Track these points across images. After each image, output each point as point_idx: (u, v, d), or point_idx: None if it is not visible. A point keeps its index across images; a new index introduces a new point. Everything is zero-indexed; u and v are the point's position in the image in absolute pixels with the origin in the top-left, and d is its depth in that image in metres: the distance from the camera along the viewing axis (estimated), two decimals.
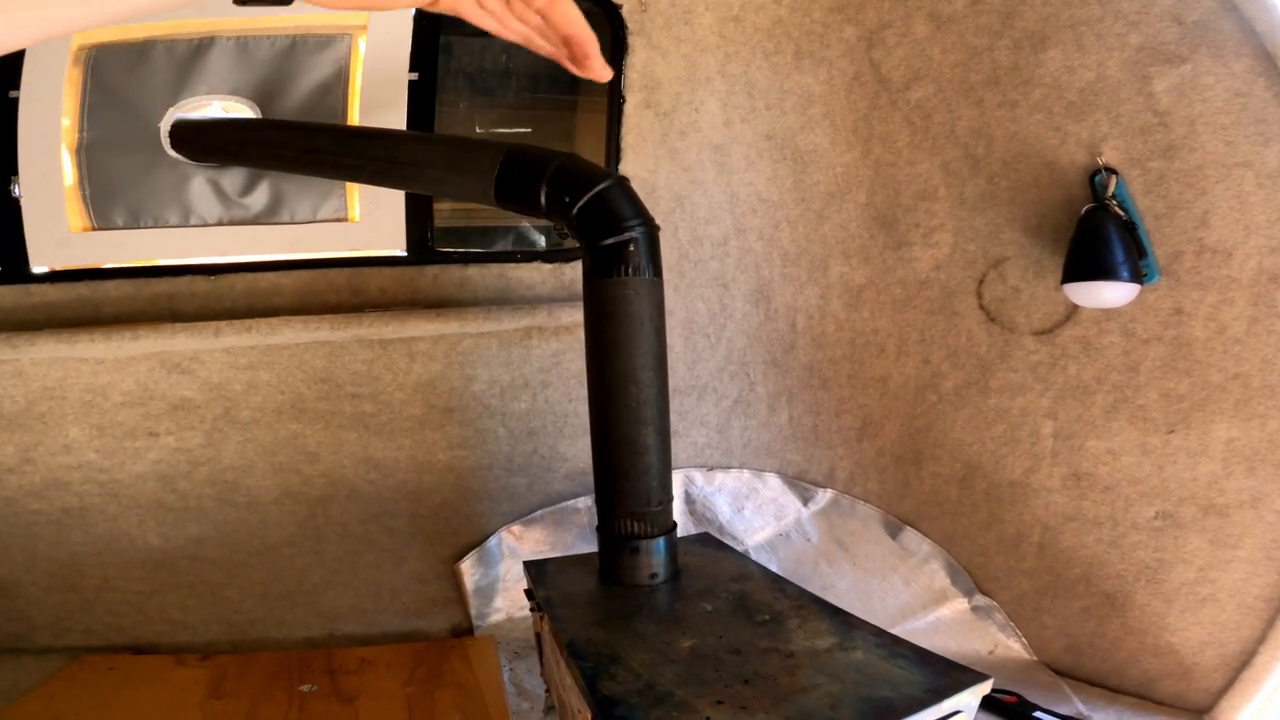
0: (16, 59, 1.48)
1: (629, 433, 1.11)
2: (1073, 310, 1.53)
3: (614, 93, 1.71)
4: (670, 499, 1.17)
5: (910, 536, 1.84)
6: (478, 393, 1.76)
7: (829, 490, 1.92)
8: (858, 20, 1.64)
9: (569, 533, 1.81)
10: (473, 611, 1.74)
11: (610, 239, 1.06)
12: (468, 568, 1.76)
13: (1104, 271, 1.37)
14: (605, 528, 1.16)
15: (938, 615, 1.74)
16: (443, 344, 1.70)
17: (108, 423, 1.60)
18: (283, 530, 1.72)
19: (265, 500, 1.70)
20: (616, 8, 1.65)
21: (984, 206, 1.62)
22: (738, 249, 1.82)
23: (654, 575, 1.14)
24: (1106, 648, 1.55)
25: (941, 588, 1.77)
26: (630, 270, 1.07)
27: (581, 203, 1.05)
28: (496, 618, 1.74)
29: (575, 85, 1.91)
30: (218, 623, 1.73)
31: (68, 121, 1.50)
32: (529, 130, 1.99)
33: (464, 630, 1.77)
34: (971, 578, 1.77)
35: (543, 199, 1.07)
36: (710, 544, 1.36)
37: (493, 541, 1.78)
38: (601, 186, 1.06)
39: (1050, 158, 1.50)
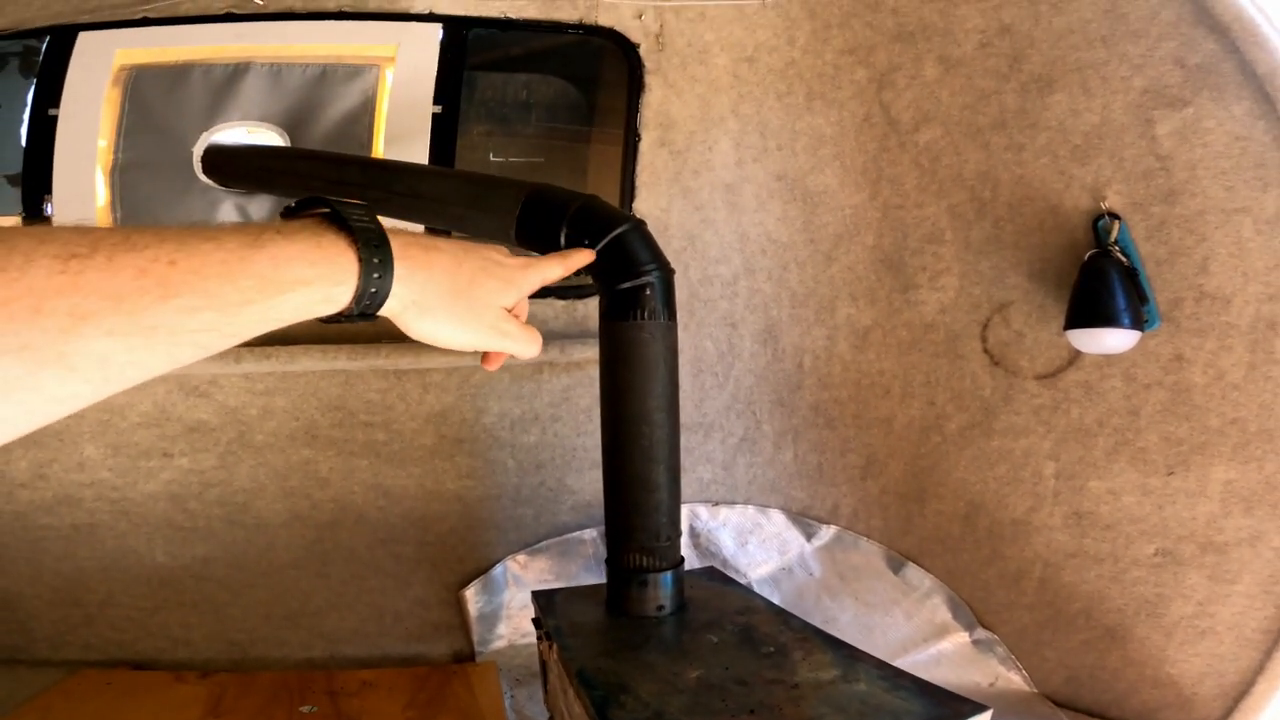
0: (59, 76, 1.51)
1: (641, 471, 1.13)
2: (1075, 355, 1.55)
3: (629, 130, 1.74)
4: (679, 534, 1.18)
5: (912, 572, 1.85)
6: (488, 425, 1.78)
7: (832, 526, 1.93)
8: (869, 62, 1.67)
9: (574, 563, 1.82)
10: (475, 638, 1.75)
11: (627, 283, 1.08)
12: (472, 595, 1.76)
13: (1106, 319, 1.39)
14: (615, 560, 1.17)
15: (939, 648, 1.74)
16: (456, 376, 1.72)
17: (123, 442, 1.62)
18: (290, 552, 1.74)
19: (274, 523, 1.72)
20: (634, 46, 1.69)
21: (989, 250, 1.64)
22: (747, 289, 1.84)
23: (661, 607, 1.16)
24: (1107, 679, 1.56)
25: (943, 622, 1.78)
26: (646, 314, 1.09)
27: (600, 246, 1.06)
28: (499, 644, 1.75)
29: (590, 119, 1.95)
30: (219, 641, 1.74)
31: (103, 142, 1.53)
32: (541, 160, 2.03)
33: (465, 656, 1.77)
34: (973, 612, 1.78)
35: (563, 240, 1.08)
36: (715, 578, 1.37)
37: (498, 570, 1.79)
38: (620, 230, 1.08)
39: (1055, 202, 1.52)
